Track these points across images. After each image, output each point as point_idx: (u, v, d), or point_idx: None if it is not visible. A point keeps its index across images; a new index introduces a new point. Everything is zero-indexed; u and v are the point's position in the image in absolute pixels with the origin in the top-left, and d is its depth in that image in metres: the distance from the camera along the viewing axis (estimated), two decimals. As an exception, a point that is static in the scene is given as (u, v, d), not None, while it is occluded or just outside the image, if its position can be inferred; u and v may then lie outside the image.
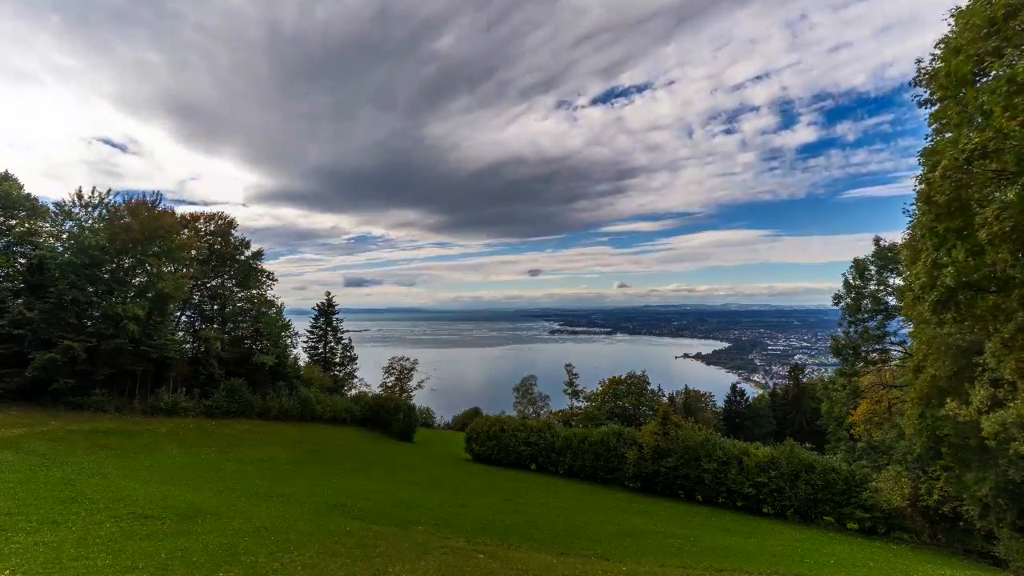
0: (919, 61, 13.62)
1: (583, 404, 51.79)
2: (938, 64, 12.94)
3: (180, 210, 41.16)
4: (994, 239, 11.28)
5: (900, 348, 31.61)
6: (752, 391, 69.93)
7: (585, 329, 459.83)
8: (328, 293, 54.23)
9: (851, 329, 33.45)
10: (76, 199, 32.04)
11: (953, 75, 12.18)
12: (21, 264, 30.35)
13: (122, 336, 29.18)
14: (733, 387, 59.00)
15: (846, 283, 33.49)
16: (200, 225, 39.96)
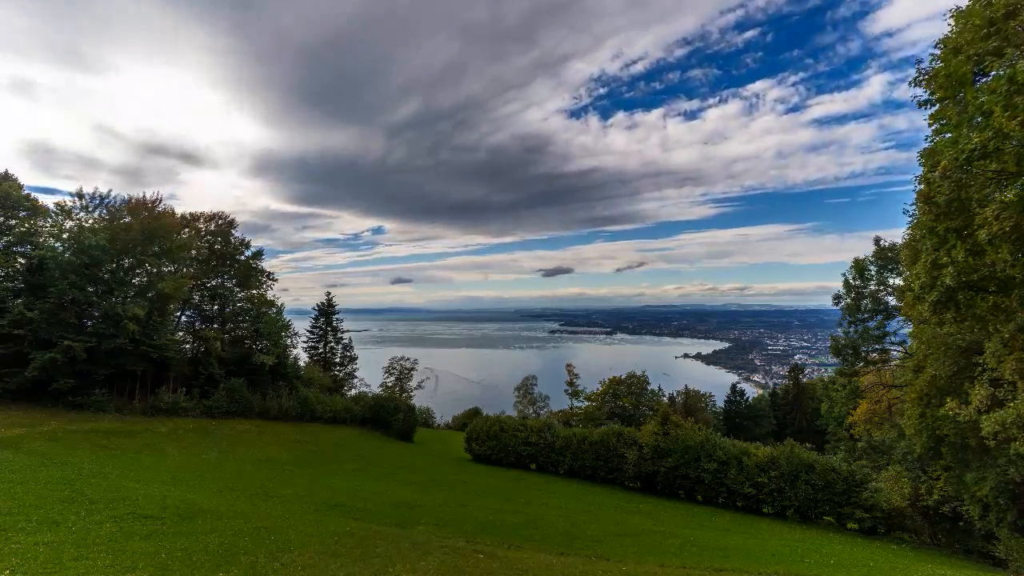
0: (919, 62, 13.64)
1: (583, 404, 51.82)
2: (937, 64, 12.96)
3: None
4: (994, 239, 11.30)
5: (900, 348, 31.63)
6: (752, 391, 69.91)
7: (585, 329, 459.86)
8: (328, 293, 54.29)
9: (851, 329, 33.47)
10: (76, 199, 32.09)
11: (953, 75, 12.20)
12: (21, 264, 30.34)
13: (122, 336, 29.17)
14: (733, 387, 58.97)
15: (846, 283, 33.51)
16: (200, 225, 39.97)
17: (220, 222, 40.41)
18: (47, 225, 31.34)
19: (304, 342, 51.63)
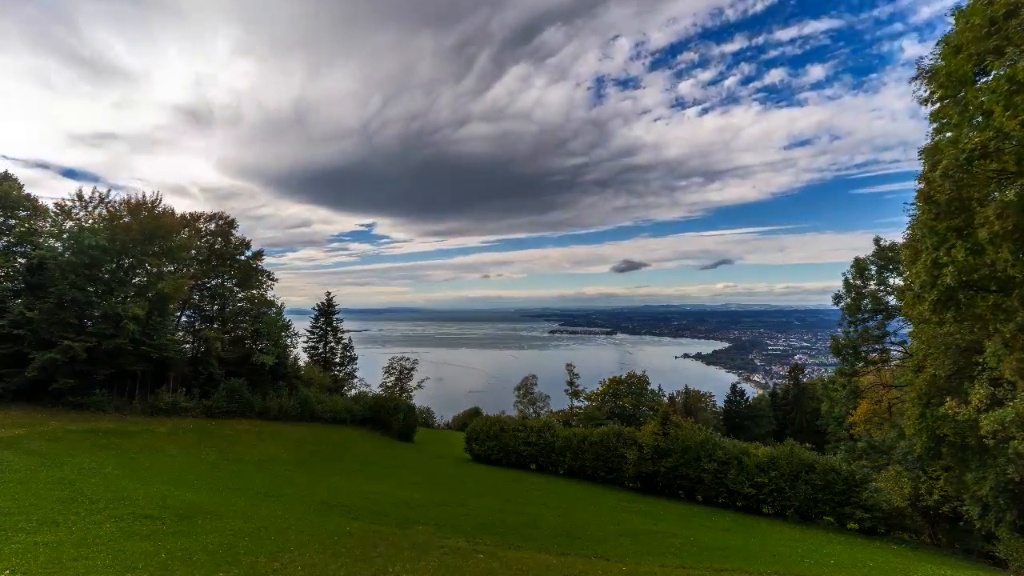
0: (920, 59, 13.63)
1: (583, 404, 51.81)
2: (938, 63, 12.95)
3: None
4: (994, 238, 11.30)
5: (900, 348, 31.60)
6: (752, 391, 69.83)
7: (585, 329, 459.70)
8: (328, 293, 54.25)
9: (851, 329, 33.42)
10: (76, 199, 32.08)
11: (954, 74, 12.20)
12: (21, 264, 30.35)
13: (122, 336, 29.17)
14: (733, 387, 58.94)
15: (846, 283, 33.47)
16: (200, 225, 40.00)
17: (220, 222, 40.47)
18: (47, 225, 31.34)
19: (304, 342, 51.59)
